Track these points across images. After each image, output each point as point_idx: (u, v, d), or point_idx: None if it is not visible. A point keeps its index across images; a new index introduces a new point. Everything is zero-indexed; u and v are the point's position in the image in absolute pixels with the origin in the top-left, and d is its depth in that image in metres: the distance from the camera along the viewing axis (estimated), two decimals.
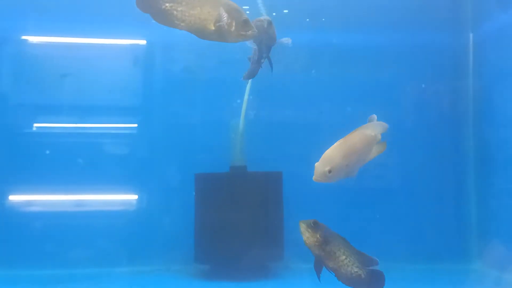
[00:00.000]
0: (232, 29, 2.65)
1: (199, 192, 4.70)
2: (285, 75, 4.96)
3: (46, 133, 4.98)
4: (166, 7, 2.66)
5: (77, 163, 4.90)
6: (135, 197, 4.99)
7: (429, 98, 5.26)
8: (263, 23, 3.09)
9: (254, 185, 4.69)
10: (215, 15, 2.64)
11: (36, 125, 4.94)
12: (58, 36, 5.03)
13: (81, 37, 5.04)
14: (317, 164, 2.84)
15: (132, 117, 5.11)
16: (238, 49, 4.91)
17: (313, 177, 2.81)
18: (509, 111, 4.77)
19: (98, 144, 4.98)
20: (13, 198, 4.83)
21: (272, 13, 4.42)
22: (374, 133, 3.03)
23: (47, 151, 4.88)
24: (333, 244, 2.86)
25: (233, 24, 2.65)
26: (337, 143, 2.92)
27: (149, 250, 4.91)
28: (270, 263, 4.74)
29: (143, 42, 5.11)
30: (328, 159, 2.85)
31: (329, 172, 2.82)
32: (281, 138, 5.04)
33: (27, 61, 4.96)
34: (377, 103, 5.15)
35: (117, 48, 5.18)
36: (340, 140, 2.91)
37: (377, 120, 3.09)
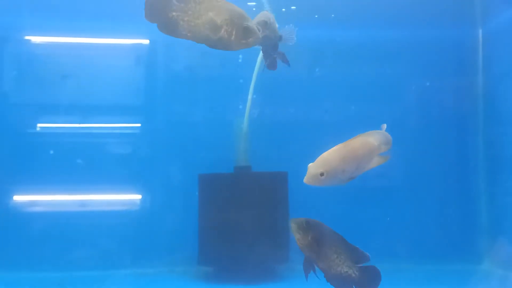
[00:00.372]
0: (232, 38, 2.60)
1: (203, 193, 4.64)
2: (289, 73, 4.89)
3: (49, 133, 4.95)
4: (173, 16, 2.64)
5: (79, 163, 4.85)
6: (139, 197, 4.95)
7: (436, 95, 5.20)
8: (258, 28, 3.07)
9: (259, 186, 4.62)
10: (214, 25, 2.60)
11: (39, 125, 4.90)
12: (60, 35, 4.99)
13: (84, 37, 5.01)
14: (311, 165, 2.71)
15: (135, 116, 5.07)
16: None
17: (304, 179, 2.71)
18: None
19: (101, 144, 4.94)
20: (17, 198, 4.80)
21: (275, 9, 4.34)
22: (377, 143, 2.93)
23: (51, 151, 4.83)
24: (325, 243, 2.75)
25: (233, 33, 2.59)
26: (336, 147, 2.81)
27: (153, 251, 4.87)
28: (275, 265, 4.68)
29: (146, 41, 5.06)
30: (323, 161, 2.73)
31: (321, 175, 2.70)
32: (285, 137, 4.99)
33: (30, 60, 4.93)
34: (384, 101, 5.10)
35: (120, 47, 5.14)
36: (340, 144, 2.83)
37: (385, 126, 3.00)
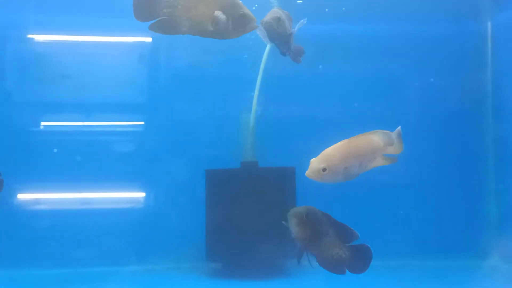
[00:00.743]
0: (230, 28, 2.58)
1: (210, 188, 4.62)
2: (294, 69, 4.88)
3: (53, 131, 4.95)
4: (164, 13, 2.60)
5: (83, 161, 4.85)
6: (145, 195, 4.94)
7: (443, 91, 5.15)
8: (272, 24, 3.06)
9: (266, 181, 4.59)
10: (210, 15, 2.56)
11: (43, 123, 4.90)
12: (63, 34, 4.98)
13: (87, 35, 5.00)
14: (313, 159, 2.72)
15: (139, 114, 5.06)
16: (244, 46, 4.94)
17: (306, 173, 2.70)
18: None
19: (105, 142, 4.94)
20: (21, 196, 4.79)
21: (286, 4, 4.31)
22: (381, 143, 2.91)
23: (55, 150, 4.84)
24: (321, 232, 2.73)
25: (230, 22, 2.56)
26: (339, 143, 2.80)
27: (160, 248, 4.86)
28: (283, 261, 4.65)
29: (148, 39, 5.05)
30: (326, 157, 2.74)
31: (324, 170, 2.70)
32: (292, 133, 4.97)
33: (33, 59, 4.92)
34: (388, 97, 5.07)
35: (123, 45, 5.13)
36: (344, 140, 2.81)
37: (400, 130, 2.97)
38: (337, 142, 2.76)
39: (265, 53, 4.64)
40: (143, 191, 4.95)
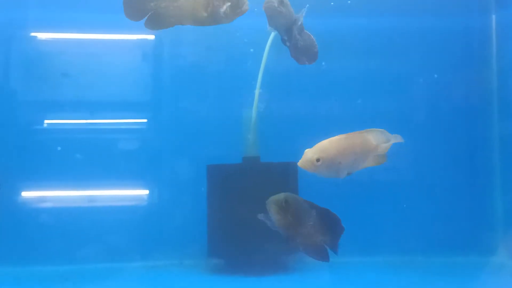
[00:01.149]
0: (224, 9, 2.53)
1: (212, 184, 4.60)
2: (297, 65, 4.86)
3: (56, 129, 4.96)
4: (151, 7, 2.56)
5: (87, 159, 4.85)
6: (147, 192, 4.95)
7: (447, 87, 5.11)
8: (273, 3, 2.91)
9: (268, 176, 4.56)
10: (201, 1, 2.52)
11: (46, 121, 4.92)
12: (66, 32, 4.99)
13: (90, 33, 5.01)
14: (308, 150, 2.73)
15: (142, 112, 5.06)
16: (247, 42, 4.92)
17: (299, 162, 2.68)
18: None
19: (109, 139, 4.95)
20: (25, 194, 4.81)
21: None
22: (375, 143, 2.90)
23: (59, 148, 4.84)
24: (303, 219, 2.71)
25: (224, 4, 2.53)
26: (336, 137, 2.82)
27: (162, 244, 4.86)
28: (285, 256, 4.63)
29: (151, 36, 5.04)
30: (321, 148, 2.76)
31: (317, 161, 2.71)
32: (295, 129, 4.94)
33: (36, 57, 4.93)
34: (392, 93, 5.04)
35: (126, 43, 5.13)
36: (340, 135, 2.81)
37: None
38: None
39: (267, 47, 4.63)
40: (146, 189, 4.96)
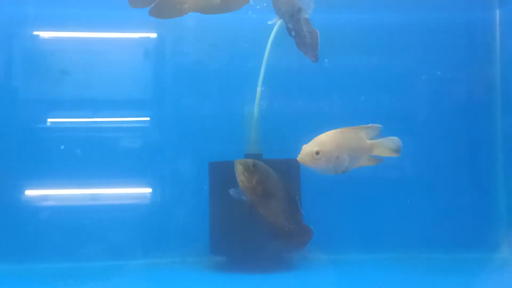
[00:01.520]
0: None
1: (214, 181, 4.59)
2: (299, 62, 4.83)
3: (59, 128, 4.95)
4: None
5: (89, 157, 4.85)
6: (149, 189, 4.94)
7: (452, 83, 5.09)
8: None
9: None
10: None
11: (49, 120, 4.91)
12: (68, 30, 4.99)
13: (92, 31, 5.00)
14: (304, 145, 2.79)
15: (144, 110, 5.05)
16: (250, 39, 4.91)
17: (298, 156, 2.69)
18: None
19: (111, 138, 4.94)
20: (28, 193, 4.81)
21: None
22: (367, 138, 2.96)
23: (62, 146, 4.84)
24: (269, 190, 2.70)
25: None
26: (331, 131, 2.87)
27: (164, 242, 4.85)
28: (288, 254, 4.63)
29: (153, 34, 5.04)
30: (319, 141, 2.80)
31: (317, 154, 2.73)
32: (297, 126, 4.92)
33: (38, 56, 4.92)
34: (394, 90, 5.01)
35: (128, 41, 5.12)
36: (335, 129, 2.87)
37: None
38: None
39: (268, 44, 4.61)
40: (148, 187, 4.95)
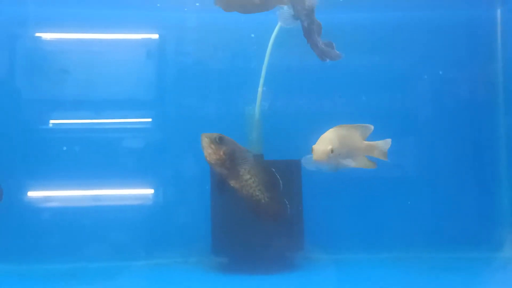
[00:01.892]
0: None
1: (215, 182, 4.58)
2: (300, 62, 4.84)
3: (61, 129, 4.97)
4: None
5: (92, 158, 4.86)
6: (152, 190, 4.95)
7: (454, 82, 5.09)
8: None
9: None
10: None
11: (52, 121, 4.93)
12: (71, 31, 5.00)
13: (94, 32, 5.01)
14: (316, 145, 2.91)
15: (146, 111, 5.06)
16: (251, 40, 4.91)
17: (314, 157, 2.84)
18: None
19: (113, 139, 4.96)
20: (31, 194, 4.83)
21: None
22: (361, 138, 3.11)
23: (64, 147, 4.85)
24: (238, 161, 2.70)
25: None
26: (333, 129, 3.03)
27: (167, 243, 4.86)
28: (290, 254, 4.64)
29: (155, 35, 5.05)
30: (328, 140, 2.94)
31: (332, 151, 2.88)
32: (298, 126, 4.91)
33: (40, 57, 4.93)
34: (396, 89, 5.01)
35: (130, 42, 5.13)
36: (333, 128, 3.04)
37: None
38: None
39: (269, 44, 4.61)
40: (150, 187, 4.96)
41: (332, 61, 3.43)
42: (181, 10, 4.90)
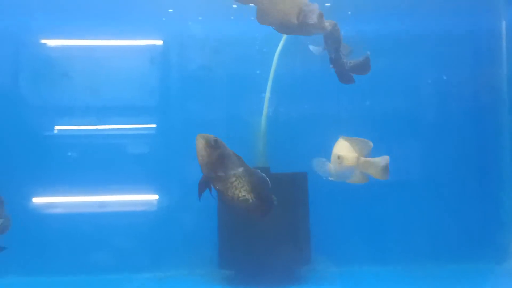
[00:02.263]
0: (312, 22, 2.87)
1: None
2: (303, 69, 4.83)
3: (66, 135, 4.94)
4: (254, 0, 2.93)
5: (96, 164, 4.84)
6: (156, 198, 4.92)
7: (459, 90, 5.06)
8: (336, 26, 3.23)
9: (278, 187, 4.52)
10: (296, 10, 2.87)
11: (56, 127, 4.91)
12: (76, 38, 4.98)
13: (99, 39, 5.00)
14: (343, 152, 3.01)
15: (151, 117, 5.04)
16: (255, 45, 4.91)
17: (345, 162, 2.95)
18: None
19: (118, 144, 4.94)
20: (35, 200, 4.80)
21: None
22: (357, 151, 3.13)
23: (69, 153, 4.85)
24: (228, 165, 2.69)
25: (313, 17, 2.87)
26: (342, 139, 3.13)
27: (172, 254, 4.83)
28: (296, 267, 4.60)
29: (159, 42, 5.03)
30: (348, 148, 3.05)
31: (358, 158, 3.00)
32: (303, 137, 4.89)
33: (45, 63, 4.92)
34: (400, 94, 4.99)
35: (134, 48, 5.11)
36: (343, 138, 3.13)
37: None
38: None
39: (276, 55, 4.62)
40: (155, 195, 4.93)
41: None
42: (185, 23, 4.94)
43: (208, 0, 4.80)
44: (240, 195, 2.70)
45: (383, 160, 3.08)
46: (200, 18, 4.92)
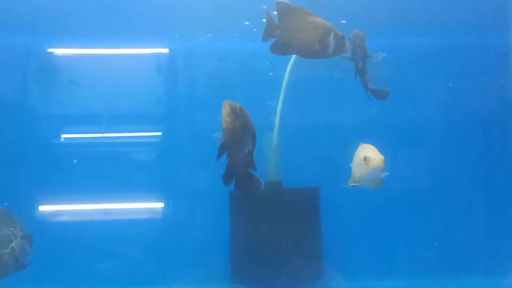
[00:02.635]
0: (333, 46, 3.06)
1: (234, 210, 4.58)
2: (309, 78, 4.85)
3: (72, 143, 4.97)
4: (276, 34, 3.15)
5: (103, 172, 4.87)
6: (165, 212, 4.92)
7: (467, 101, 5.06)
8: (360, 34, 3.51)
9: (290, 202, 4.57)
10: (318, 36, 3.07)
11: (63, 135, 4.94)
12: (83, 47, 5.04)
13: (106, 48, 5.06)
14: (372, 154, 3.07)
15: (157, 125, 5.06)
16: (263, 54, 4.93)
17: (375, 163, 3.03)
18: None
19: (124, 153, 4.96)
20: (42, 208, 4.81)
21: None
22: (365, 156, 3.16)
23: (75, 160, 4.88)
24: (246, 136, 2.82)
25: (334, 41, 3.05)
26: (364, 145, 3.22)
27: (184, 268, 4.82)
28: (309, 281, 4.60)
29: (165, 50, 5.08)
30: (374, 150, 3.12)
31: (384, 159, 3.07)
32: (314, 150, 4.90)
33: (53, 72, 4.97)
34: (407, 103, 4.98)
35: (141, 57, 5.15)
36: (364, 145, 3.23)
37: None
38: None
39: (287, 71, 4.65)
40: (163, 209, 4.92)
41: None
42: (194, 39, 4.98)
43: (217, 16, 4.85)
44: (239, 167, 2.86)
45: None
46: (209, 35, 4.97)
